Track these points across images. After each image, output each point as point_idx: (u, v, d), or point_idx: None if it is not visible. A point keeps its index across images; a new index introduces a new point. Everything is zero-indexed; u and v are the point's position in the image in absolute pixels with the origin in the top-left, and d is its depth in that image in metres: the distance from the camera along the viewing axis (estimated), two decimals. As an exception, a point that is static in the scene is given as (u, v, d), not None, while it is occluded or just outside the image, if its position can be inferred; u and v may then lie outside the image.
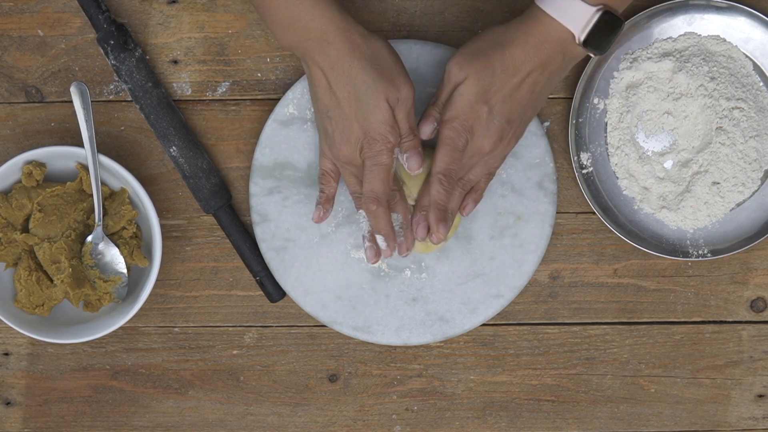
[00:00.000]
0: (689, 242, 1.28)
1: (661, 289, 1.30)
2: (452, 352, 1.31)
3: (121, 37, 1.25)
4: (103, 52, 1.26)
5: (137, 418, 1.31)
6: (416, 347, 1.30)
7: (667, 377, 1.31)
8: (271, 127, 1.27)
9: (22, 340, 1.30)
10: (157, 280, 1.25)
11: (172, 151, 1.27)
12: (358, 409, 1.31)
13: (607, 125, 1.28)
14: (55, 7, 1.28)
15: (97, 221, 1.24)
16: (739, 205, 1.28)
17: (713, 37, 1.27)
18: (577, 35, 1.13)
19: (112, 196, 1.26)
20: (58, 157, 1.25)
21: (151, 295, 1.26)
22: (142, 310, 1.29)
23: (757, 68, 1.27)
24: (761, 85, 1.27)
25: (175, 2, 1.28)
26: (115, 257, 1.26)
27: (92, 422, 1.31)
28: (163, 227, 1.28)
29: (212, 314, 1.30)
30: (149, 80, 1.26)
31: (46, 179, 1.26)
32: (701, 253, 1.28)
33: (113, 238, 1.26)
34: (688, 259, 1.27)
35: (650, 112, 1.27)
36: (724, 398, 1.31)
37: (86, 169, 1.25)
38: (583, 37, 1.13)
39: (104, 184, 1.26)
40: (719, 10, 1.26)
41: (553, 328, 1.31)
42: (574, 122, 1.27)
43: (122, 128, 1.29)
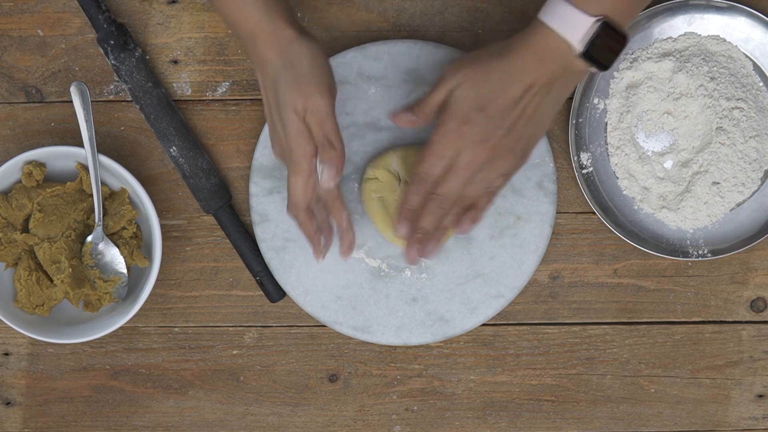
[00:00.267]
0: (689, 242, 1.28)
1: (661, 289, 1.30)
2: (452, 352, 1.31)
3: (121, 37, 1.25)
4: (103, 52, 1.26)
5: (137, 418, 1.31)
6: (416, 347, 1.30)
7: (667, 377, 1.31)
8: (271, 127, 1.27)
9: (22, 340, 1.30)
10: (157, 280, 1.25)
11: (172, 151, 1.27)
12: (358, 409, 1.31)
13: (607, 125, 1.28)
14: (55, 7, 1.28)
15: (97, 221, 1.24)
16: (739, 205, 1.28)
17: (713, 37, 1.27)
18: (575, 46, 1.10)
19: (112, 196, 1.26)
20: (58, 157, 1.25)
21: (151, 295, 1.26)
22: (142, 310, 1.29)
23: (757, 68, 1.27)
24: (761, 85, 1.27)
25: (175, 2, 1.28)
26: (115, 257, 1.26)
27: (92, 422, 1.31)
28: (163, 227, 1.28)
29: (212, 314, 1.30)
30: (149, 80, 1.26)
31: (46, 179, 1.26)
32: (701, 253, 1.28)
33: (113, 238, 1.26)
34: (688, 259, 1.27)
35: (650, 112, 1.27)
36: (724, 398, 1.31)
37: (86, 169, 1.25)
38: (581, 48, 1.10)
39: (104, 184, 1.26)
40: (719, 10, 1.27)
41: (553, 328, 1.31)
42: (574, 122, 1.27)
43: (122, 128, 1.29)
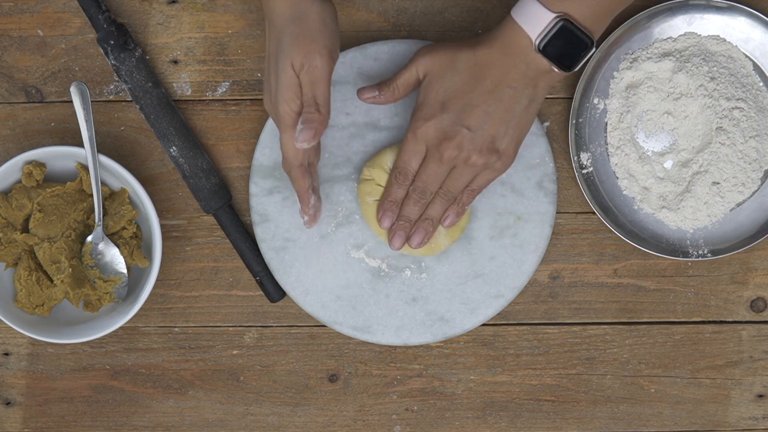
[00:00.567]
0: (689, 242, 1.28)
1: (661, 289, 1.30)
2: (452, 352, 1.31)
3: (121, 37, 1.25)
4: (103, 52, 1.27)
5: (137, 418, 1.31)
6: (416, 347, 1.30)
7: (667, 377, 1.31)
8: (271, 127, 1.27)
9: (22, 340, 1.30)
10: (157, 280, 1.25)
11: (172, 151, 1.27)
12: (358, 409, 1.31)
13: (607, 125, 1.28)
14: (55, 7, 1.28)
15: (97, 221, 1.24)
16: (739, 205, 1.28)
17: (713, 37, 1.27)
18: (533, 40, 1.12)
19: (112, 196, 1.26)
20: (58, 157, 1.25)
21: (151, 295, 1.26)
22: (142, 310, 1.29)
23: (757, 68, 1.27)
24: (761, 85, 1.27)
25: (175, 2, 1.28)
26: (115, 257, 1.26)
27: (92, 422, 1.31)
28: (163, 227, 1.28)
29: (212, 314, 1.30)
30: (149, 80, 1.26)
31: (46, 179, 1.26)
32: (701, 253, 1.28)
33: (113, 238, 1.26)
34: (688, 259, 1.27)
35: (650, 112, 1.27)
36: (724, 398, 1.31)
37: (86, 169, 1.25)
38: (539, 43, 1.12)
39: (104, 184, 1.26)
40: (719, 10, 1.26)
41: (553, 328, 1.31)
42: (574, 122, 1.27)
43: (122, 128, 1.29)
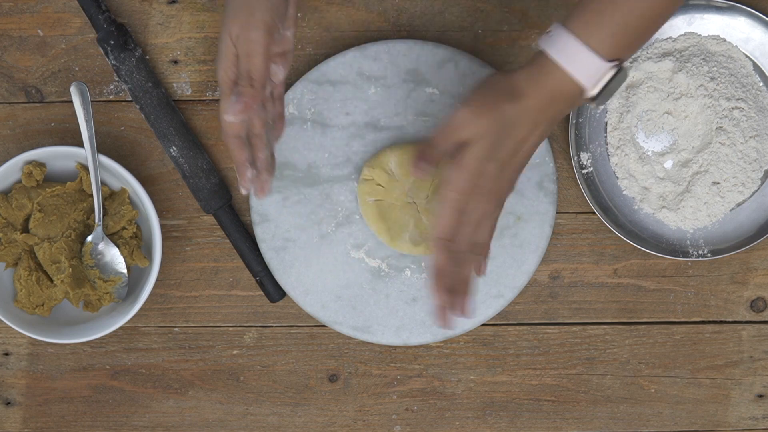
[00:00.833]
0: (689, 242, 1.28)
1: (661, 289, 1.30)
2: (452, 352, 1.31)
3: (121, 37, 1.25)
4: (103, 52, 1.26)
5: (137, 418, 1.31)
6: (416, 347, 1.30)
7: (667, 377, 1.31)
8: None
9: (22, 340, 1.30)
10: (157, 280, 1.25)
11: (172, 151, 1.27)
12: (358, 409, 1.31)
13: (607, 125, 1.28)
14: (55, 7, 1.28)
15: (97, 221, 1.24)
16: (739, 205, 1.28)
17: (713, 37, 1.27)
18: (588, 91, 1.08)
19: (112, 196, 1.26)
20: (58, 157, 1.25)
21: (151, 295, 1.26)
22: (142, 310, 1.29)
23: (757, 68, 1.27)
24: (761, 85, 1.27)
25: (175, 2, 1.28)
26: (115, 257, 1.26)
27: (92, 422, 1.31)
28: (163, 227, 1.28)
29: (212, 314, 1.30)
30: (149, 80, 1.26)
31: (46, 179, 1.26)
32: (701, 253, 1.28)
33: (113, 238, 1.26)
34: (688, 259, 1.27)
35: (650, 112, 1.27)
36: (724, 398, 1.31)
37: (86, 169, 1.25)
38: (594, 92, 1.08)
39: (104, 184, 1.26)
40: (719, 10, 1.26)
41: (553, 328, 1.31)
42: (574, 122, 1.27)
43: (122, 128, 1.29)
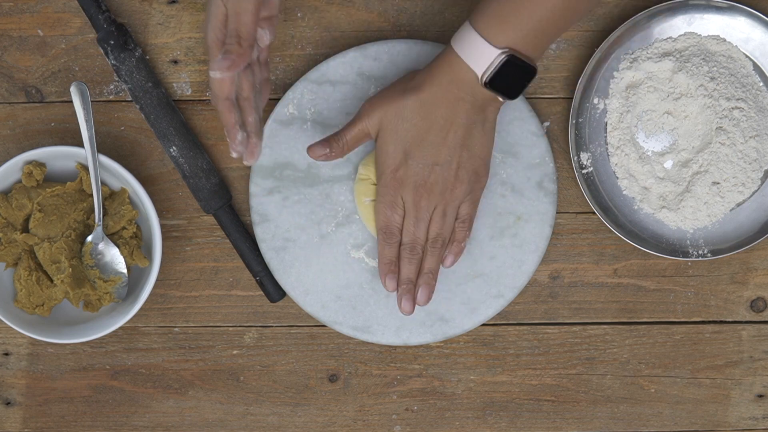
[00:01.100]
0: (689, 242, 1.28)
1: (661, 289, 1.30)
2: (452, 352, 1.31)
3: (121, 37, 1.25)
4: (103, 52, 1.27)
5: (137, 418, 1.31)
6: (416, 347, 1.30)
7: (667, 377, 1.31)
8: (271, 127, 1.27)
9: (22, 340, 1.30)
10: (157, 280, 1.25)
11: (172, 151, 1.27)
12: (358, 409, 1.31)
13: (607, 125, 1.28)
14: (55, 7, 1.28)
15: (97, 221, 1.24)
16: (739, 205, 1.28)
17: (713, 37, 1.27)
18: (480, 76, 1.13)
19: (112, 196, 1.26)
20: (58, 157, 1.25)
21: (151, 295, 1.26)
22: (142, 310, 1.29)
23: (757, 68, 1.27)
24: (761, 85, 1.27)
25: (175, 2, 1.28)
26: (115, 257, 1.26)
27: (92, 422, 1.31)
28: (163, 227, 1.28)
29: (212, 314, 1.30)
30: (149, 80, 1.26)
31: (46, 179, 1.26)
32: (701, 253, 1.28)
33: (113, 238, 1.26)
34: (688, 259, 1.27)
35: (650, 112, 1.27)
36: (724, 398, 1.31)
37: (86, 169, 1.25)
38: (485, 78, 1.13)
39: (104, 184, 1.26)
40: (719, 10, 1.26)
41: (553, 328, 1.31)
42: (574, 122, 1.27)
43: (122, 128, 1.29)
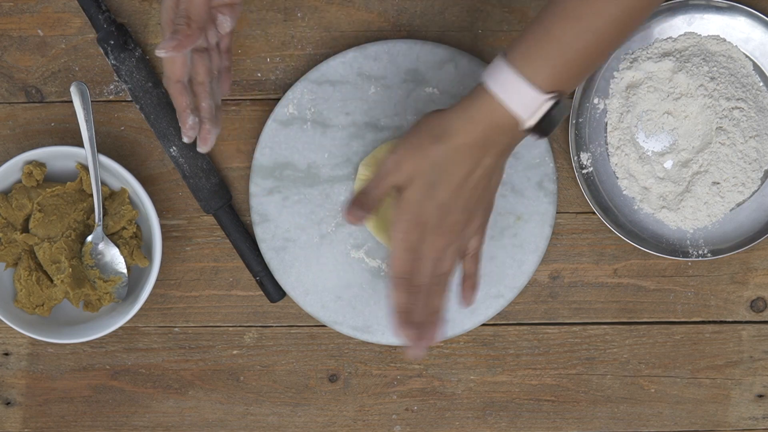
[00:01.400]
0: (689, 242, 1.28)
1: (661, 289, 1.30)
2: (452, 352, 1.31)
3: (121, 37, 1.25)
4: (103, 52, 1.26)
5: (137, 418, 1.31)
6: (416, 347, 1.30)
7: (667, 377, 1.31)
8: (271, 127, 1.27)
9: (22, 340, 1.30)
10: (157, 280, 1.25)
11: (172, 151, 1.27)
12: (358, 409, 1.31)
13: (607, 125, 1.28)
14: (55, 7, 1.28)
15: (97, 221, 1.24)
16: (739, 205, 1.28)
17: (713, 37, 1.27)
18: (525, 122, 1.07)
19: (112, 196, 1.26)
20: (58, 157, 1.25)
21: (151, 295, 1.26)
22: (142, 310, 1.29)
23: (757, 68, 1.27)
24: (761, 85, 1.27)
25: (175, 2, 1.28)
26: (115, 257, 1.26)
27: (92, 422, 1.31)
28: (163, 227, 1.28)
29: (212, 314, 1.30)
30: (149, 80, 1.26)
31: (46, 179, 1.26)
32: (701, 253, 1.28)
33: (113, 238, 1.26)
34: (688, 259, 1.27)
35: (650, 112, 1.27)
36: (724, 398, 1.31)
37: (86, 169, 1.25)
38: (531, 124, 1.07)
39: (104, 184, 1.26)
40: (719, 10, 1.27)
41: (553, 328, 1.31)
42: (574, 122, 1.27)
43: (122, 128, 1.29)
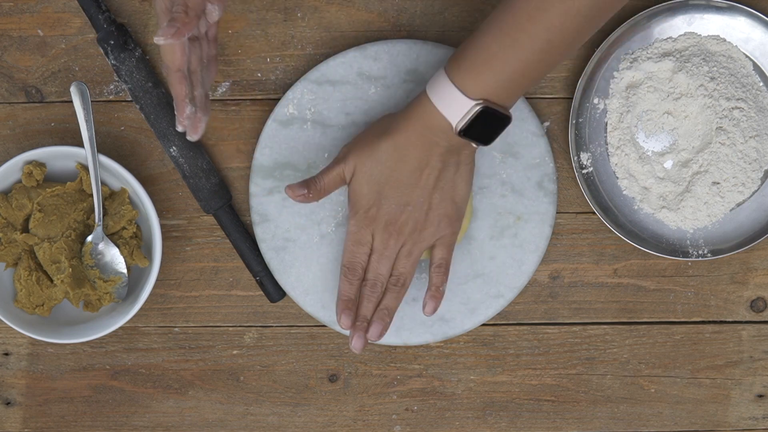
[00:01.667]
0: (689, 242, 1.28)
1: (661, 289, 1.30)
2: (452, 352, 1.31)
3: (121, 37, 1.25)
4: (103, 52, 1.26)
5: (137, 418, 1.31)
6: (416, 347, 1.30)
7: (667, 377, 1.31)
8: (271, 127, 1.27)
9: (22, 340, 1.30)
10: (157, 280, 1.25)
11: (172, 151, 1.27)
12: (358, 409, 1.31)
13: (607, 125, 1.28)
14: (55, 7, 1.28)
15: (97, 221, 1.24)
16: (739, 205, 1.28)
17: (713, 37, 1.27)
18: (454, 125, 1.15)
19: (112, 196, 1.26)
20: (58, 157, 1.25)
21: (151, 295, 1.26)
22: (142, 310, 1.29)
23: (757, 68, 1.27)
24: (761, 85, 1.27)
25: (175, 2, 1.28)
26: (115, 257, 1.26)
27: (92, 422, 1.31)
28: (163, 227, 1.28)
29: (212, 314, 1.30)
30: (149, 80, 1.26)
31: (46, 179, 1.26)
32: (701, 253, 1.28)
33: (113, 238, 1.26)
34: (688, 259, 1.27)
35: (650, 112, 1.27)
36: (724, 398, 1.31)
37: (86, 169, 1.25)
38: (459, 128, 1.14)
39: (104, 184, 1.26)
40: (719, 10, 1.26)
41: (553, 328, 1.31)
42: (574, 122, 1.27)
43: (122, 128, 1.29)
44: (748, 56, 1.27)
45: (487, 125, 1.15)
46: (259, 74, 1.29)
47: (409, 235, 1.20)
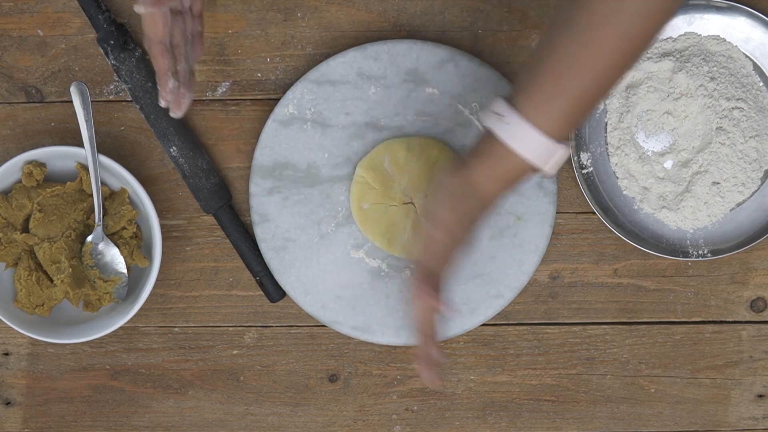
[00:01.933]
0: (689, 242, 1.28)
1: (661, 289, 1.30)
2: (452, 352, 1.31)
3: (121, 37, 1.25)
4: (103, 52, 1.27)
5: (137, 418, 1.31)
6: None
7: (667, 377, 1.31)
8: (271, 127, 1.27)
9: (22, 340, 1.30)
10: (157, 280, 1.25)
11: (172, 151, 1.27)
12: (358, 409, 1.31)
13: (607, 125, 1.28)
14: (55, 7, 1.28)
15: (97, 221, 1.24)
16: (739, 205, 1.28)
17: (713, 37, 1.27)
18: (545, 170, 1.08)
19: (112, 196, 1.26)
20: (58, 157, 1.25)
21: (151, 295, 1.26)
22: (142, 310, 1.29)
23: (757, 68, 1.27)
24: (761, 85, 1.27)
25: (175, 2, 1.28)
26: (115, 257, 1.26)
27: (92, 422, 1.31)
28: (163, 227, 1.28)
29: (212, 314, 1.30)
30: (149, 80, 1.26)
31: (46, 179, 1.26)
32: (701, 253, 1.28)
33: (113, 238, 1.26)
34: (688, 259, 1.27)
35: (650, 112, 1.27)
36: (724, 398, 1.31)
37: (86, 169, 1.25)
38: (551, 173, 1.08)
39: (104, 184, 1.26)
40: (719, 10, 1.26)
41: (553, 328, 1.31)
42: (574, 122, 1.27)
43: (122, 128, 1.29)
44: (748, 56, 1.27)
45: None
46: (259, 74, 1.29)
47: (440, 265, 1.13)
